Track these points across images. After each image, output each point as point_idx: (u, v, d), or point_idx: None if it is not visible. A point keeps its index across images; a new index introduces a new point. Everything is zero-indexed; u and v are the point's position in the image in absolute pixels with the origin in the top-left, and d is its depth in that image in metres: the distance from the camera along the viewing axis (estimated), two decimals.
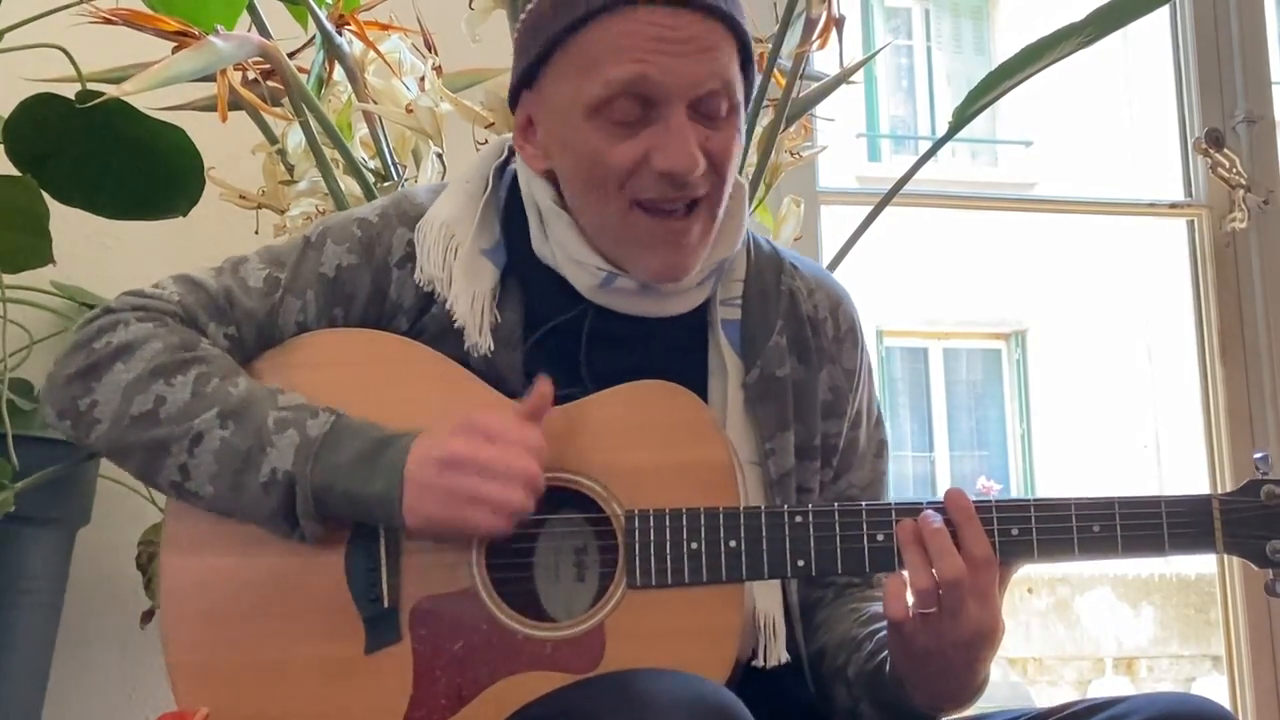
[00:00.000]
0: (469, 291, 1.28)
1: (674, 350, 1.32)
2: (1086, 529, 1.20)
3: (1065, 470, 10.35)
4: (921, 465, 10.78)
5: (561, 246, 1.29)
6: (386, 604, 1.21)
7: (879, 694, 1.26)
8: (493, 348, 1.28)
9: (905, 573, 1.19)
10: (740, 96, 1.26)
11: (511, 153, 1.37)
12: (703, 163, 1.21)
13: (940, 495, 1.21)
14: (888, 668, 1.23)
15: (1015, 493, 10.76)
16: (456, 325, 1.28)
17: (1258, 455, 1.24)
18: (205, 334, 1.27)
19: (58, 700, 1.98)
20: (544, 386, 1.21)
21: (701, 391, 1.30)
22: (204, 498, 1.21)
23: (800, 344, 1.36)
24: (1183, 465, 8.89)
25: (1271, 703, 2.56)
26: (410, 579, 1.22)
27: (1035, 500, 1.21)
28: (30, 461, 1.69)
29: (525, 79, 1.28)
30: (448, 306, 1.28)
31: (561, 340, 1.30)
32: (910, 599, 1.18)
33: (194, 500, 1.22)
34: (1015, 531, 1.20)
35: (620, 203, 1.24)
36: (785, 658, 1.27)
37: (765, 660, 1.26)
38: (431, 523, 1.18)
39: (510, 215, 1.34)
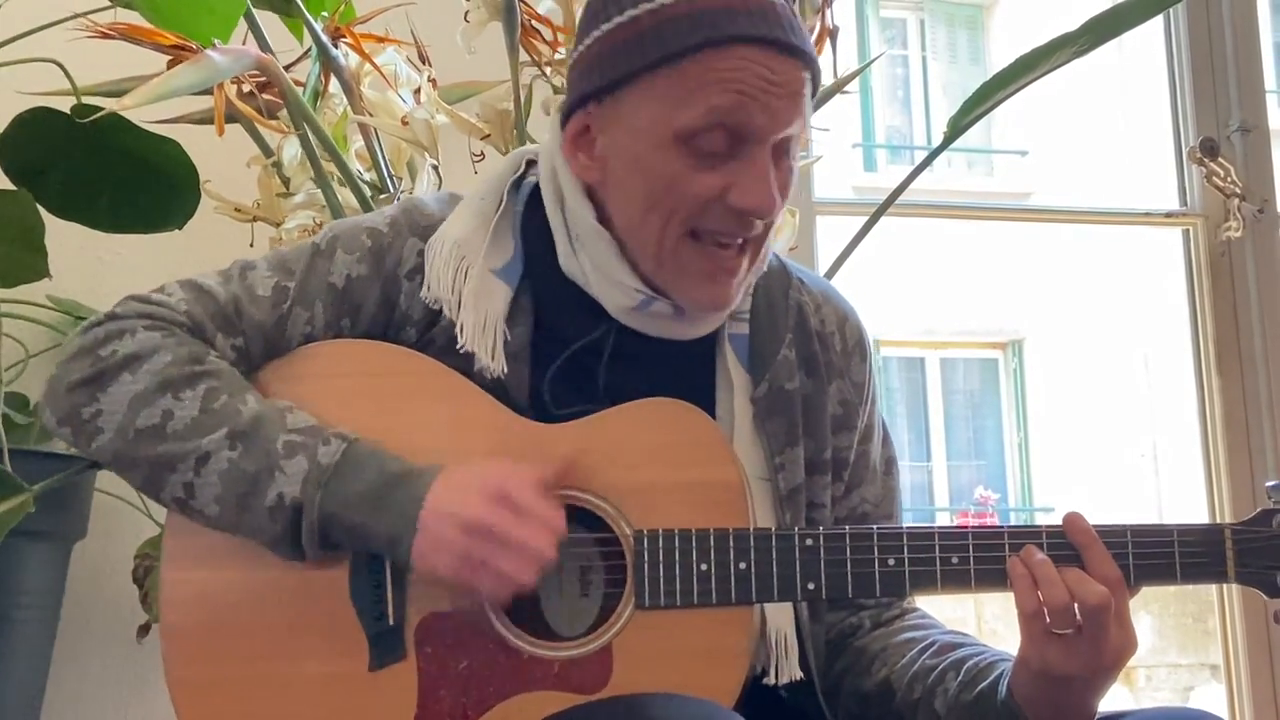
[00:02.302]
0: (480, 313, 1.27)
1: (686, 366, 1.32)
2: None
3: (1063, 479, 10.34)
4: (919, 475, 10.76)
5: (598, 266, 1.28)
6: (392, 621, 1.20)
7: None
8: (505, 370, 1.27)
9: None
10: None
11: (528, 167, 1.36)
12: (777, 204, 1.23)
13: (938, 504, 1.21)
14: (1001, 698, 1.20)
15: (1013, 503, 10.75)
16: (463, 350, 1.27)
17: (1270, 484, 1.23)
18: (213, 345, 1.25)
19: (54, 715, 1.98)
20: (571, 453, 1.21)
21: (710, 405, 1.29)
22: (209, 517, 1.19)
23: (809, 358, 1.35)
24: (1180, 474, 8.89)
25: (1270, 711, 2.55)
26: (415, 596, 1.20)
27: (1047, 528, 1.21)
28: (27, 475, 1.68)
29: (603, 91, 1.25)
30: (457, 330, 1.27)
31: (580, 357, 1.29)
32: (1046, 617, 1.16)
33: (198, 518, 1.20)
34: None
35: (677, 230, 1.23)
36: (798, 675, 1.26)
37: (777, 677, 1.25)
38: (438, 576, 1.17)
39: (530, 230, 1.33)
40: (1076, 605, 1.14)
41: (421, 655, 1.19)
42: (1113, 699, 1.22)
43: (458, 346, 1.27)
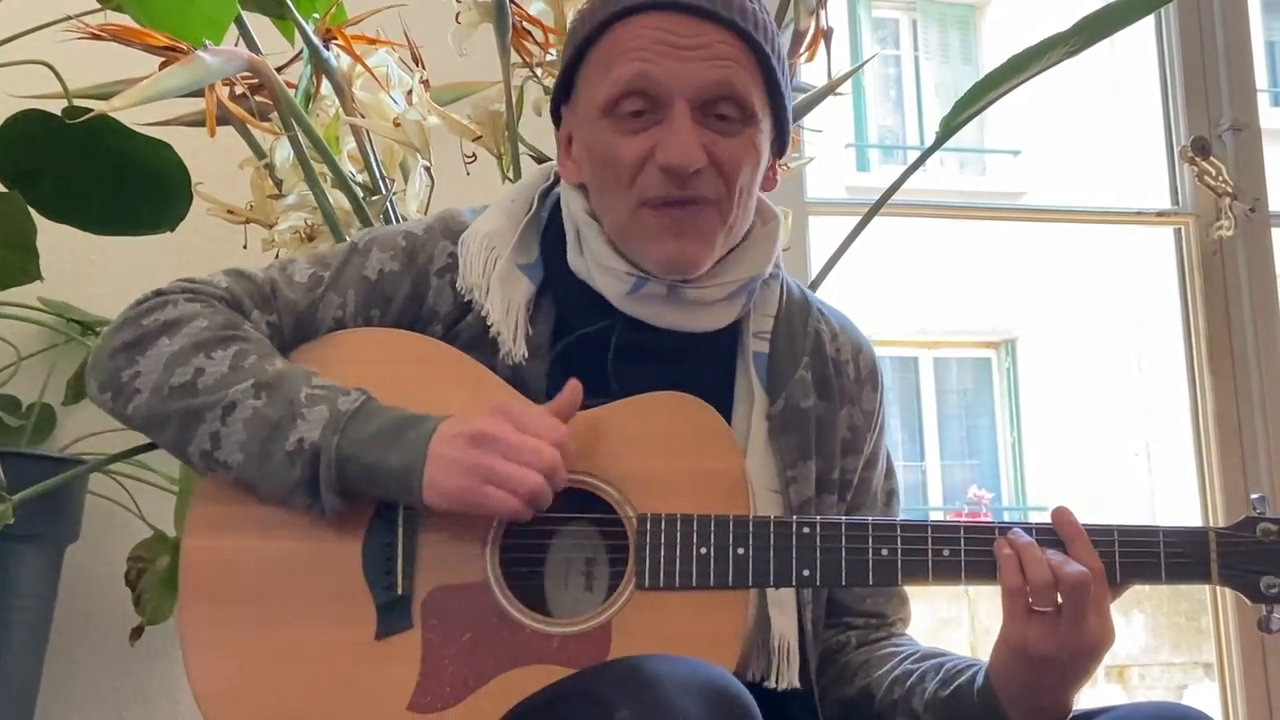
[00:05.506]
0: (504, 301, 1.34)
1: (701, 369, 1.36)
2: None
3: (1056, 478, 10.36)
4: (912, 475, 10.77)
5: (593, 256, 1.34)
6: (400, 591, 1.25)
7: (960, 717, 1.26)
8: (526, 355, 1.32)
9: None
10: (758, 110, 1.30)
11: (557, 179, 1.42)
12: (703, 159, 1.26)
13: (931, 504, 1.23)
14: (977, 686, 1.24)
15: (1006, 502, 10.76)
16: (492, 333, 1.33)
17: (1255, 496, 1.27)
18: (249, 319, 1.33)
19: (46, 718, 1.97)
20: (574, 384, 1.26)
21: (726, 415, 1.33)
22: (231, 467, 1.25)
23: (823, 382, 1.40)
24: (1173, 473, 8.90)
25: (1263, 710, 2.56)
26: (424, 568, 1.26)
27: (1037, 525, 1.24)
28: (18, 478, 1.68)
29: (563, 93, 1.37)
30: (483, 313, 1.34)
31: (590, 351, 1.33)
32: (1029, 594, 1.19)
33: (221, 471, 1.26)
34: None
35: (630, 201, 1.29)
36: (797, 683, 1.30)
37: (777, 682, 1.29)
38: (449, 497, 1.21)
39: (550, 235, 1.40)
40: (1058, 582, 1.17)
41: (427, 626, 1.24)
42: (1105, 698, 1.23)
43: (488, 324, 1.33)
